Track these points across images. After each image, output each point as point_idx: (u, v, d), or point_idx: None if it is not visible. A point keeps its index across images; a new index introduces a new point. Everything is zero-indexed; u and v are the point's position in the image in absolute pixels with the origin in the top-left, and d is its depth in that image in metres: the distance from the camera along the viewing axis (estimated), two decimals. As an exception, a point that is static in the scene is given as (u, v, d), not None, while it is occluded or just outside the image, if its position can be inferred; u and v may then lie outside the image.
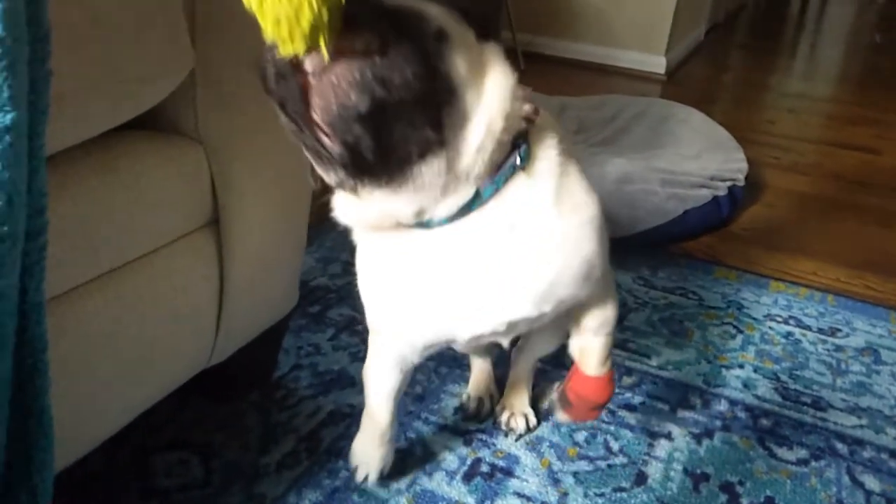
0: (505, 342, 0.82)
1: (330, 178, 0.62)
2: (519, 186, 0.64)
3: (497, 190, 0.64)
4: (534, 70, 3.07)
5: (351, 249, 0.75)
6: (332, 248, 1.49)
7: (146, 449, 0.98)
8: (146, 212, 0.73)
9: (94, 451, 0.76)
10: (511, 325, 0.71)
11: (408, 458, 1.00)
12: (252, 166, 0.84)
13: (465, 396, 1.12)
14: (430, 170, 0.59)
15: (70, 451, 0.71)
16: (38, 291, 0.55)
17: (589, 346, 0.82)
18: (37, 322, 0.56)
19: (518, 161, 0.64)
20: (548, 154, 0.66)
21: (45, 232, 0.54)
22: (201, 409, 1.05)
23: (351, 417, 1.05)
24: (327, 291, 1.38)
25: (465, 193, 0.62)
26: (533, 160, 0.65)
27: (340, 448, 1.00)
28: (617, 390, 1.17)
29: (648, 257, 1.61)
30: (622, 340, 1.30)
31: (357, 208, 0.65)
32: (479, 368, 1.14)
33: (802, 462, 1.05)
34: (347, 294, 1.36)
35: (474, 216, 0.64)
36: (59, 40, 0.50)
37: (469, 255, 0.66)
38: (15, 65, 0.47)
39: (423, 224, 0.64)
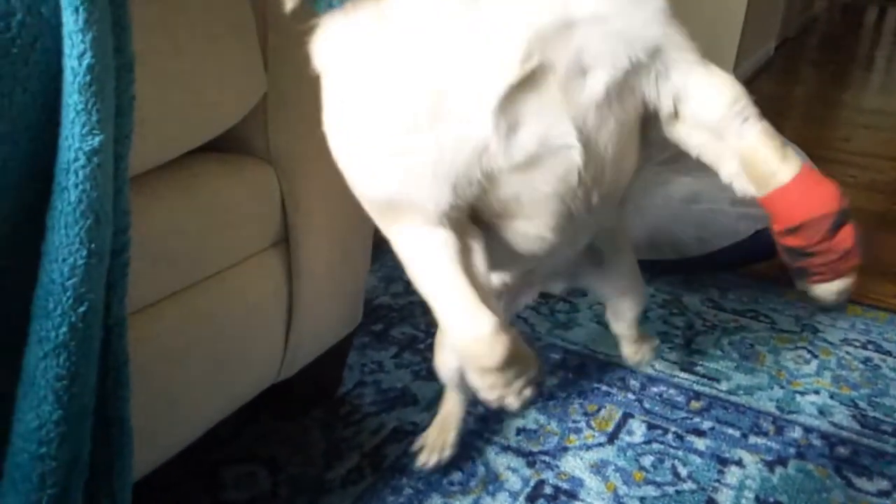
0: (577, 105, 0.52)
1: None
2: None
3: None
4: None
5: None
6: (394, 267, 1.51)
7: (216, 461, 1.00)
8: (220, 231, 0.75)
9: (166, 463, 0.78)
10: (541, 41, 0.49)
11: (471, 477, 0.99)
12: (320, 187, 0.86)
13: (417, 444, 1.02)
14: None
15: (146, 461, 0.74)
16: (121, 306, 0.58)
17: (746, 144, 0.55)
18: (119, 336, 0.58)
19: None
20: None
21: (127, 249, 0.56)
22: (267, 424, 1.08)
23: (414, 435, 1.06)
24: (390, 310, 1.40)
25: None
26: None
27: (404, 465, 1.00)
28: (684, 414, 1.14)
29: (717, 279, 1.57)
30: (689, 364, 1.27)
31: None
32: (447, 410, 1.02)
33: (884, 494, 1.00)
34: (409, 313, 1.38)
35: None
36: (144, 67, 0.52)
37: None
38: (102, 90, 0.50)
39: None
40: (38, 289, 0.51)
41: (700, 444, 1.08)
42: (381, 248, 1.28)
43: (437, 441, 1.00)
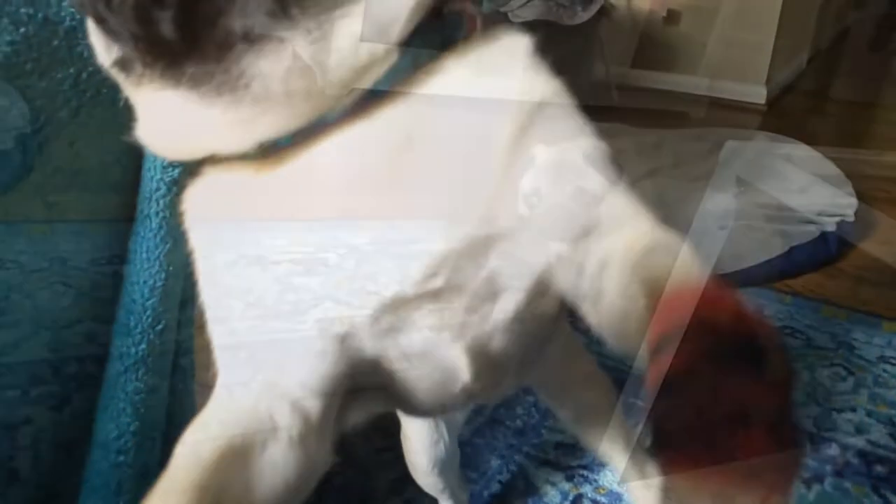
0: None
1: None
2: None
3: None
4: (627, 103, 3.06)
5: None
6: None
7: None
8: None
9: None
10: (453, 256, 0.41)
11: (510, 491, 1.02)
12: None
13: None
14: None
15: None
16: (190, 323, 0.61)
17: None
18: (187, 350, 0.62)
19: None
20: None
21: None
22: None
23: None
24: (428, 323, 1.42)
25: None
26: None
27: (444, 478, 1.03)
28: (721, 430, 1.15)
29: (752, 295, 1.57)
30: (725, 379, 1.27)
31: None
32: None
33: (923, 513, 1.00)
34: (447, 326, 1.40)
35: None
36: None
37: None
38: (181, 125, 0.54)
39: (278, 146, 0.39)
40: (120, 309, 0.55)
41: (736, 460, 1.09)
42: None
43: None
